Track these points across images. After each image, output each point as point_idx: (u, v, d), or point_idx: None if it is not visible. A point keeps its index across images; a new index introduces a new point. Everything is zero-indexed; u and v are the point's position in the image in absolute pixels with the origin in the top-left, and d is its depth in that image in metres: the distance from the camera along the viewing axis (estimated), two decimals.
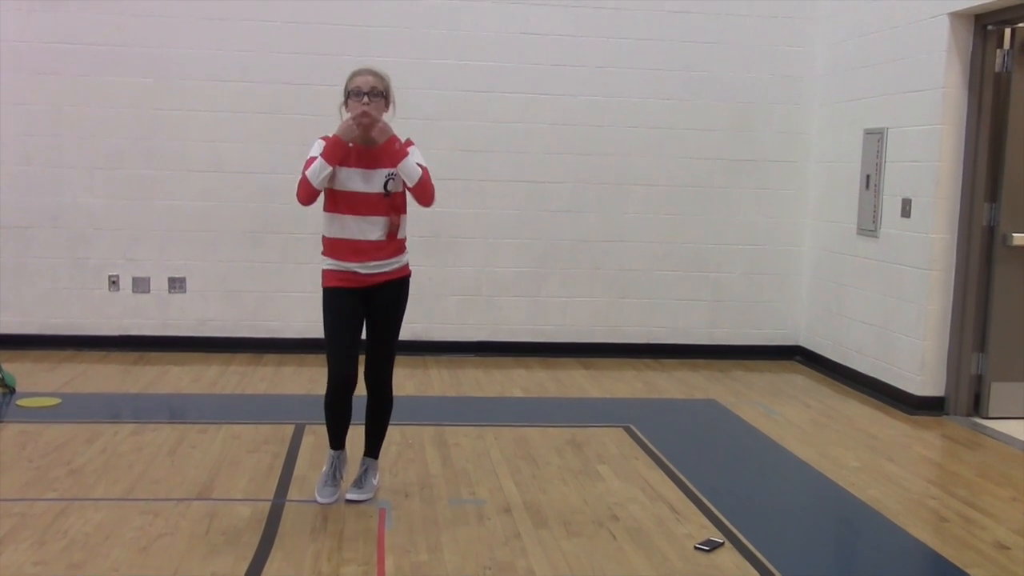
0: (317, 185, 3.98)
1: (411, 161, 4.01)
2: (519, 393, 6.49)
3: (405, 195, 4.14)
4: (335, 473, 4.29)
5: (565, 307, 7.59)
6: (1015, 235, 5.92)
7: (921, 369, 6.15)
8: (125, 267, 7.23)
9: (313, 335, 6.90)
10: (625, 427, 5.62)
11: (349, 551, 3.77)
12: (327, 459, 4.34)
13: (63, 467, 4.62)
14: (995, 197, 5.95)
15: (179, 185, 7.20)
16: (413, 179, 4.02)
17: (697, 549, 3.88)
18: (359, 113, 3.96)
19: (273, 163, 7.21)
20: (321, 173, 3.97)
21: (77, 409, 5.68)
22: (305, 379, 6.57)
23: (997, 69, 5.92)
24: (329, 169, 3.97)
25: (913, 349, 6.21)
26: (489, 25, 7.31)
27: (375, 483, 4.36)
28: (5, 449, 4.86)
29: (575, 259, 7.56)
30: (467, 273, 7.48)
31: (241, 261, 7.31)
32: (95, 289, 7.22)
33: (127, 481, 4.46)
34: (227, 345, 7.29)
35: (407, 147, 4.06)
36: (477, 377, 6.86)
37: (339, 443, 4.31)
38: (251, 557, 3.69)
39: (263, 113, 7.20)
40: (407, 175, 4.01)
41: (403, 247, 4.19)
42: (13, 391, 5.96)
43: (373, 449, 4.39)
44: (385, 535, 3.92)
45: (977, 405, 6.07)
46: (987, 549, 3.98)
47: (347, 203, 4.03)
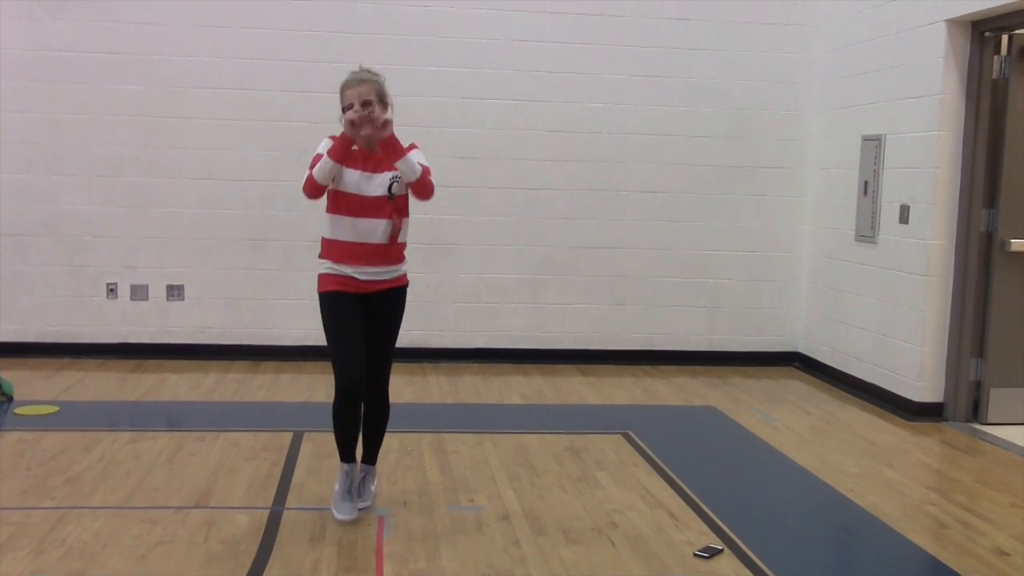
0: (323, 182, 3.96)
1: (412, 158, 3.99)
2: (518, 400, 6.48)
3: (408, 199, 4.13)
4: (351, 488, 4.17)
5: (564, 314, 7.59)
6: (1013, 241, 5.93)
7: (920, 375, 6.15)
8: (123, 275, 7.23)
9: (312, 342, 6.95)
10: (624, 434, 5.61)
11: (347, 559, 3.76)
12: (340, 474, 4.21)
13: (61, 475, 4.61)
14: (993, 203, 5.96)
15: (177, 193, 7.20)
16: (414, 174, 3.99)
17: (696, 556, 3.88)
18: (358, 122, 3.90)
19: (271, 171, 7.22)
20: (328, 171, 3.93)
21: (75, 417, 5.67)
22: (304, 386, 6.57)
23: (994, 76, 5.93)
24: (335, 166, 3.92)
25: (912, 355, 6.20)
26: (487, 32, 7.32)
27: (373, 490, 4.34)
28: (3, 457, 4.85)
29: (574, 266, 7.56)
30: (466, 280, 7.48)
31: (239, 269, 7.31)
32: (93, 297, 7.22)
33: (125, 489, 4.45)
34: (225, 353, 7.28)
35: (410, 149, 4.05)
36: (476, 384, 6.85)
37: (350, 455, 4.19)
38: (249, 565, 3.68)
39: (261, 121, 7.21)
40: (407, 171, 3.98)
41: (403, 255, 4.17)
42: (11, 399, 5.95)
43: (371, 456, 4.36)
44: (383, 543, 3.91)
45: (976, 411, 6.07)
46: (987, 555, 3.98)
47: (349, 205, 4.00)
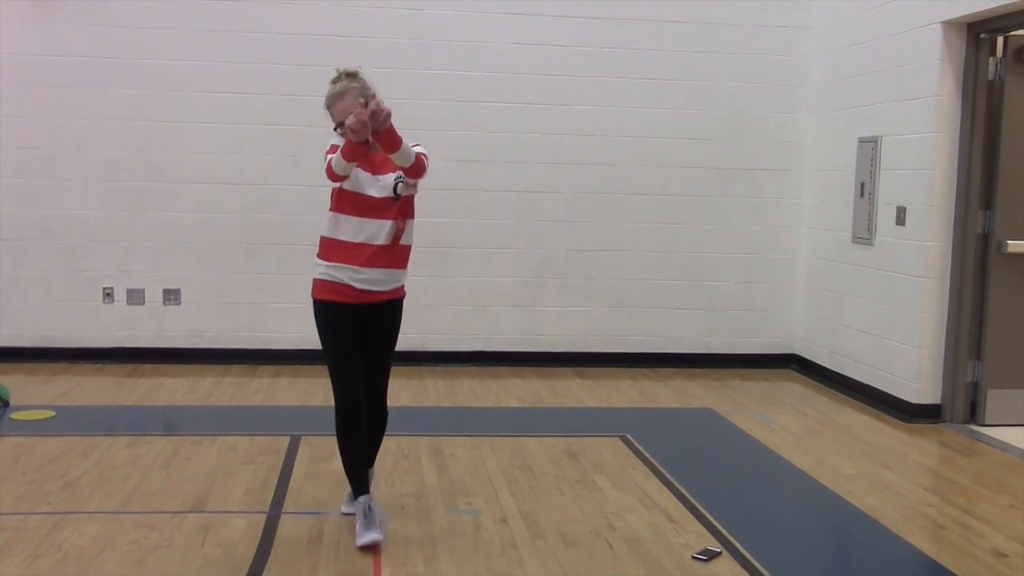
0: (342, 174, 3.80)
1: (408, 144, 3.82)
2: (515, 403, 6.48)
3: (413, 200, 4.03)
4: (370, 517, 3.92)
5: (561, 317, 7.58)
6: (1010, 242, 5.93)
7: (917, 377, 6.15)
8: (120, 279, 7.22)
9: (308, 346, 6.92)
10: (621, 436, 5.61)
11: (345, 563, 3.75)
12: (357, 510, 3.96)
13: (57, 480, 4.60)
14: (989, 204, 5.96)
15: (173, 197, 7.19)
16: (407, 161, 3.82)
17: (695, 559, 3.87)
18: (358, 128, 3.68)
19: (268, 174, 7.21)
20: (345, 167, 3.77)
21: (71, 422, 5.66)
22: (301, 390, 6.56)
23: (990, 77, 5.93)
24: (349, 165, 3.77)
25: (909, 357, 6.21)
26: (483, 36, 7.32)
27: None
28: None
29: (571, 269, 7.55)
30: (463, 283, 7.47)
31: (236, 272, 7.30)
32: (89, 301, 7.21)
33: (122, 494, 4.44)
34: (222, 356, 7.27)
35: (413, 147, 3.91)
36: (473, 387, 6.85)
37: (363, 486, 3.99)
38: (246, 570, 3.67)
39: (258, 124, 7.20)
40: (403, 159, 3.81)
41: (407, 260, 4.03)
42: (7, 404, 5.93)
43: (368, 459, 4.29)
44: (381, 547, 3.89)
45: (974, 412, 6.07)
46: (985, 557, 3.97)
47: (354, 205, 3.89)
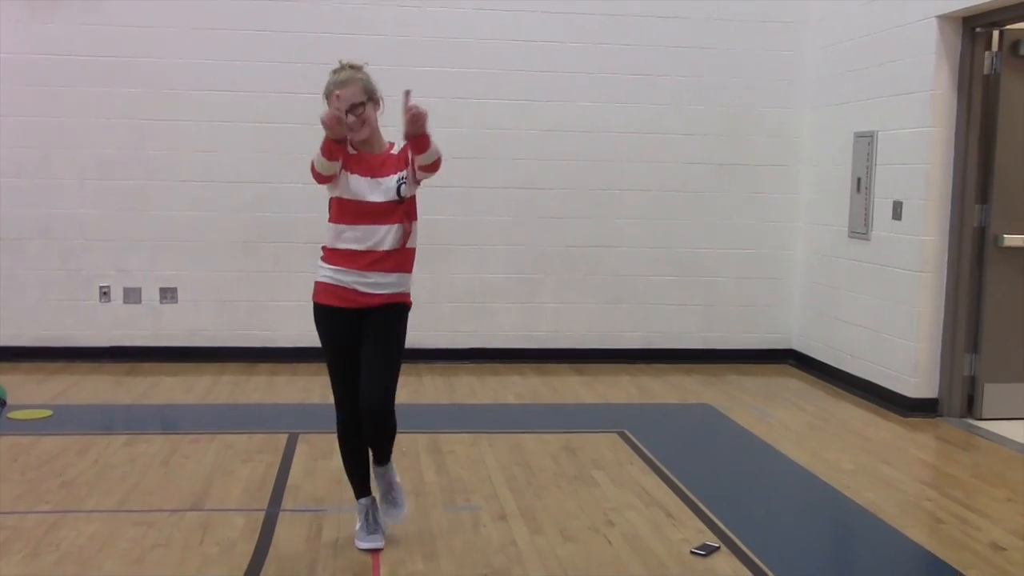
0: (323, 172, 3.63)
1: (436, 145, 3.67)
2: (513, 400, 6.48)
3: (416, 200, 3.82)
4: (371, 521, 3.89)
5: (558, 313, 7.58)
6: (1006, 236, 5.94)
7: (914, 371, 6.15)
8: (116, 278, 7.20)
9: (306, 344, 6.91)
10: (620, 432, 5.61)
11: (344, 560, 3.75)
12: (358, 511, 3.93)
13: (55, 479, 4.59)
14: (986, 198, 5.97)
15: (170, 195, 7.18)
16: (431, 159, 3.67)
17: (693, 554, 3.87)
18: (327, 123, 3.56)
19: (264, 172, 7.20)
20: (326, 165, 3.61)
21: (69, 421, 5.66)
22: (299, 388, 6.55)
23: (986, 71, 5.94)
24: (330, 164, 3.60)
25: (906, 351, 6.21)
26: (479, 32, 7.31)
27: (398, 482, 3.94)
28: None
29: (568, 265, 7.55)
30: (460, 280, 7.47)
31: (233, 270, 7.29)
32: (86, 300, 7.20)
33: (120, 493, 4.44)
34: (219, 355, 7.26)
35: (407, 148, 3.76)
36: (471, 384, 6.85)
37: (363, 489, 3.92)
38: (245, 567, 3.67)
39: (254, 122, 7.19)
40: (430, 157, 3.66)
41: (412, 263, 3.82)
42: (4, 403, 5.89)
43: (382, 456, 3.91)
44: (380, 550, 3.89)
45: (971, 406, 6.07)
46: (983, 550, 3.98)
47: (355, 213, 3.69)
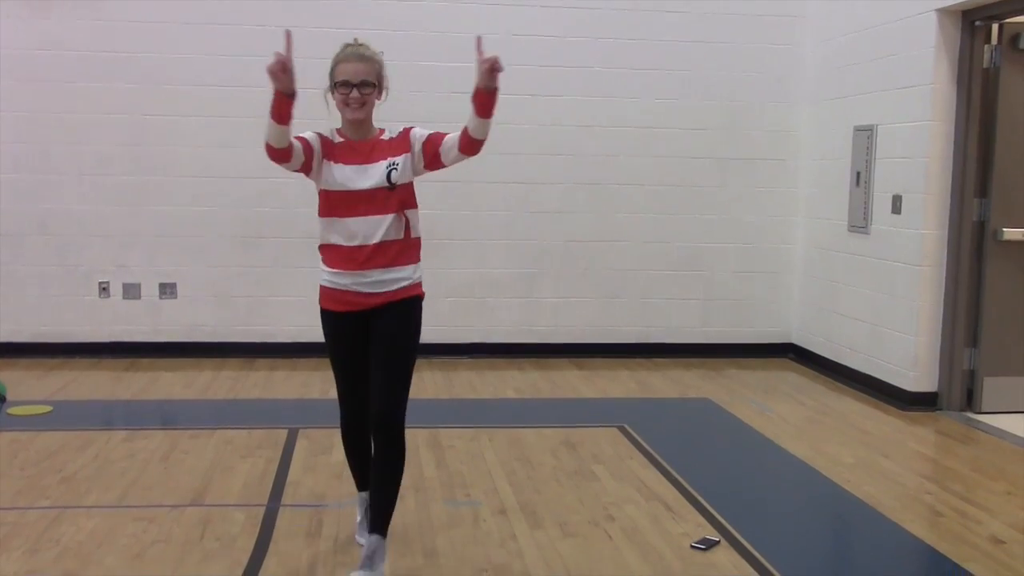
0: (271, 142, 3.34)
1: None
2: (513, 394, 6.48)
3: (413, 187, 3.63)
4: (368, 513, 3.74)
5: (558, 308, 7.58)
6: (1005, 230, 5.94)
7: (914, 365, 6.16)
8: (115, 273, 7.20)
9: (305, 339, 6.95)
10: (619, 427, 5.61)
11: (344, 555, 3.75)
12: (358, 504, 3.95)
13: (55, 475, 4.59)
14: (985, 192, 5.96)
15: (169, 190, 7.17)
16: (486, 131, 3.64)
17: (693, 548, 3.88)
18: (274, 70, 3.24)
19: (263, 167, 7.01)
20: (274, 131, 3.31)
21: (69, 416, 5.66)
22: (298, 383, 6.55)
23: (985, 65, 5.93)
24: (280, 129, 3.30)
25: (905, 345, 6.21)
26: (479, 26, 7.17)
27: (382, 568, 3.50)
28: None
29: (567, 260, 7.55)
30: (459, 275, 7.46)
31: (232, 266, 7.29)
32: (85, 296, 7.19)
33: (120, 488, 4.44)
34: (219, 350, 7.26)
35: (408, 133, 3.72)
36: (470, 379, 6.85)
37: (366, 481, 3.81)
38: (245, 563, 3.67)
39: (252, 117, 7.06)
40: (484, 128, 3.66)
41: (417, 254, 3.62)
42: (4, 399, 5.88)
43: (379, 522, 3.51)
44: None
45: (970, 400, 6.08)
46: (983, 543, 3.98)
47: (344, 205, 3.50)
